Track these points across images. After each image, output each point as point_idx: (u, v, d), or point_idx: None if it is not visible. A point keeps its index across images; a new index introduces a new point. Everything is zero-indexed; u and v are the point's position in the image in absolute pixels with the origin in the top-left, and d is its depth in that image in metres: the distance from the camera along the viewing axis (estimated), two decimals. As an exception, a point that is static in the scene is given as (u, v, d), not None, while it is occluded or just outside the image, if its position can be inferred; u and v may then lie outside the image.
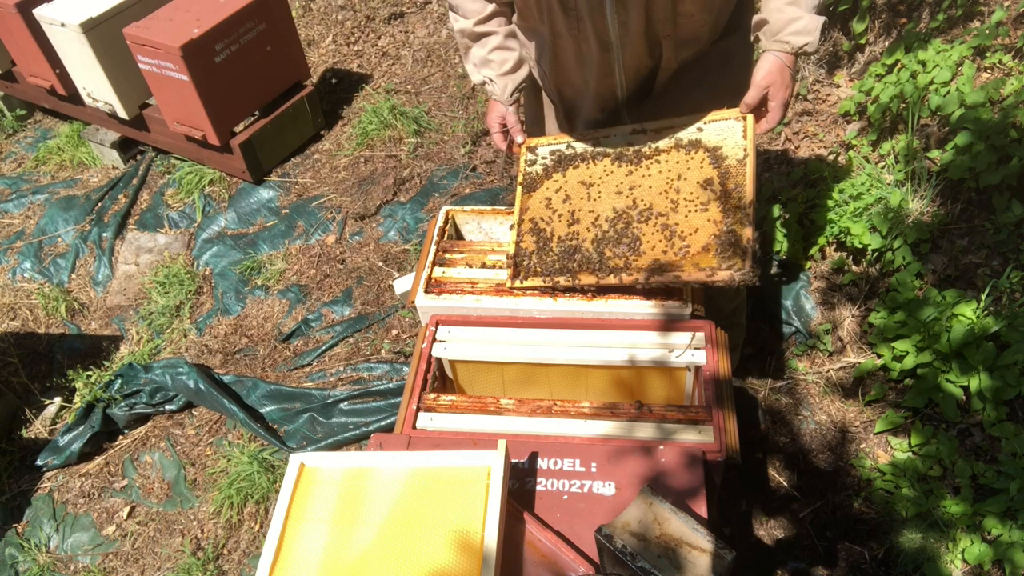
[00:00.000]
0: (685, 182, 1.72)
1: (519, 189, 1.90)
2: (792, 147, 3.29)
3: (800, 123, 3.37)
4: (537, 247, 1.80)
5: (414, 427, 1.60)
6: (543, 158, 1.91)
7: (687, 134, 1.75)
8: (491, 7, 1.80)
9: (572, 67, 1.79)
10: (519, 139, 1.93)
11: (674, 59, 1.74)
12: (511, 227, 1.86)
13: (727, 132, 1.70)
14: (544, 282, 1.75)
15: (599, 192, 1.81)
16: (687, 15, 1.63)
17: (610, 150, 1.84)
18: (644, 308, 1.71)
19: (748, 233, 1.59)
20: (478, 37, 1.85)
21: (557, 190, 1.86)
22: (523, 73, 1.89)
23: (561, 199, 1.84)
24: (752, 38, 1.72)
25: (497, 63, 1.85)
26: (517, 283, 1.77)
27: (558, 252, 1.78)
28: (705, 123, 1.74)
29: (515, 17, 1.81)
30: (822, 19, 1.58)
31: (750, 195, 1.62)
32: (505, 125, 1.93)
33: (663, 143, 1.78)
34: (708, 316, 1.73)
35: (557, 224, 1.81)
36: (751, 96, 1.63)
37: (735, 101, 1.70)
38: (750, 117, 1.67)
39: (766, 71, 1.60)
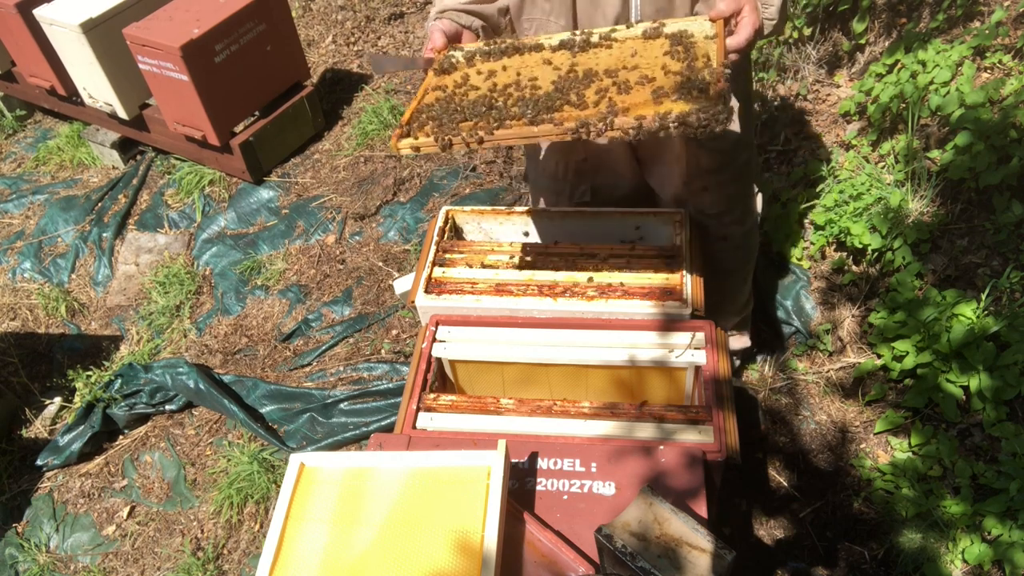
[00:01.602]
0: (641, 57, 1.51)
1: (430, 73, 1.63)
2: (792, 147, 3.29)
3: (800, 123, 3.37)
4: (442, 106, 1.50)
5: (414, 427, 1.60)
6: (468, 52, 1.66)
7: (646, 27, 1.58)
8: None
9: (585, 5, 1.75)
10: (439, 43, 1.67)
11: (691, 12, 1.70)
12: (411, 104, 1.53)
13: (693, 25, 1.56)
14: (443, 137, 1.42)
15: (533, 72, 1.55)
16: None
17: (552, 43, 1.62)
18: (644, 308, 1.71)
19: (718, 75, 1.37)
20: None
21: (479, 72, 1.59)
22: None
23: (483, 78, 1.57)
24: None
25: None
26: (404, 143, 1.45)
27: (469, 105, 1.48)
28: (667, 21, 1.58)
29: None
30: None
31: (720, 60, 1.42)
32: (445, 33, 1.71)
33: (617, 34, 1.60)
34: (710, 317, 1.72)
35: (473, 92, 1.53)
36: (726, 5, 1.50)
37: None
38: (720, 22, 1.52)
39: None
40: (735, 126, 1.92)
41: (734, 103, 1.92)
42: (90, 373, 3.21)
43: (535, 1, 1.78)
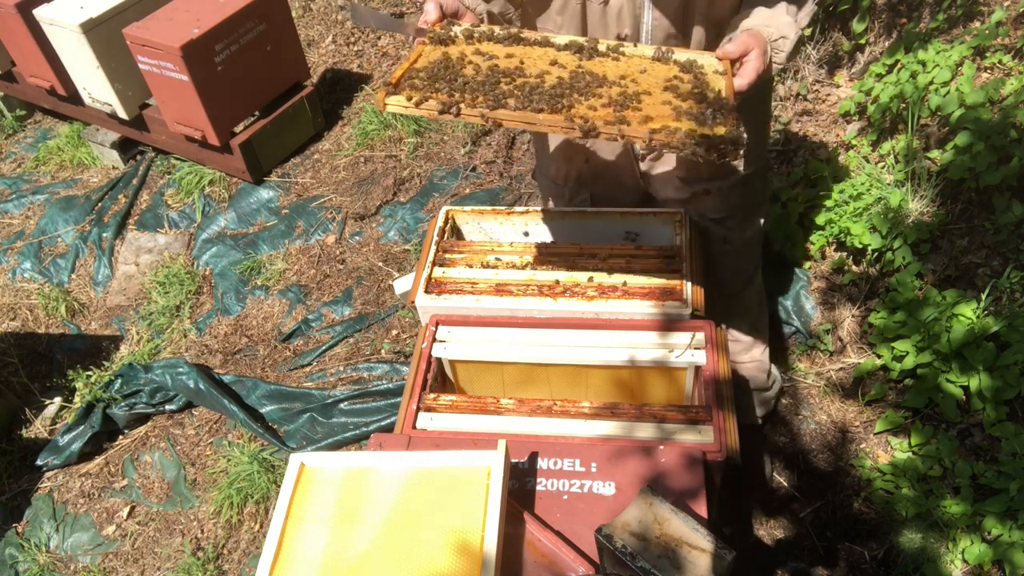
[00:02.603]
0: (650, 75, 1.47)
1: (423, 42, 1.55)
2: (792, 147, 3.29)
3: (800, 123, 3.37)
4: (438, 70, 1.44)
5: (414, 427, 1.60)
6: (467, 30, 1.59)
7: (653, 49, 1.55)
8: None
9: (596, 25, 1.74)
10: (433, 16, 1.58)
11: (704, 44, 1.70)
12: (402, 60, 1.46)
13: (701, 58, 1.54)
14: (440, 99, 1.37)
15: (537, 65, 1.49)
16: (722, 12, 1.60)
17: (557, 43, 1.57)
18: (644, 308, 1.71)
19: (731, 107, 1.35)
20: None
21: (478, 52, 1.52)
22: None
23: (483, 58, 1.50)
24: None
25: None
26: (393, 100, 1.38)
27: (471, 77, 1.42)
28: (678, 50, 1.56)
29: None
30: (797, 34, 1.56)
31: (730, 97, 1.40)
32: (443, 7, 1.63)
33: (626, 49, 1.55)
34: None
35: (472, 68, 1.47)
36: (734, 46, 1.49)
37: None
38: (727, 62, 1.51)
39: (751, 35, 1.50)
40: (739, 161, 1.92)
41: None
42: (90, 373, 3.21)
43: (548, 13, 1.76)
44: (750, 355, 2.39)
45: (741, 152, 1.30)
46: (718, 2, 1.64)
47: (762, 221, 2.17)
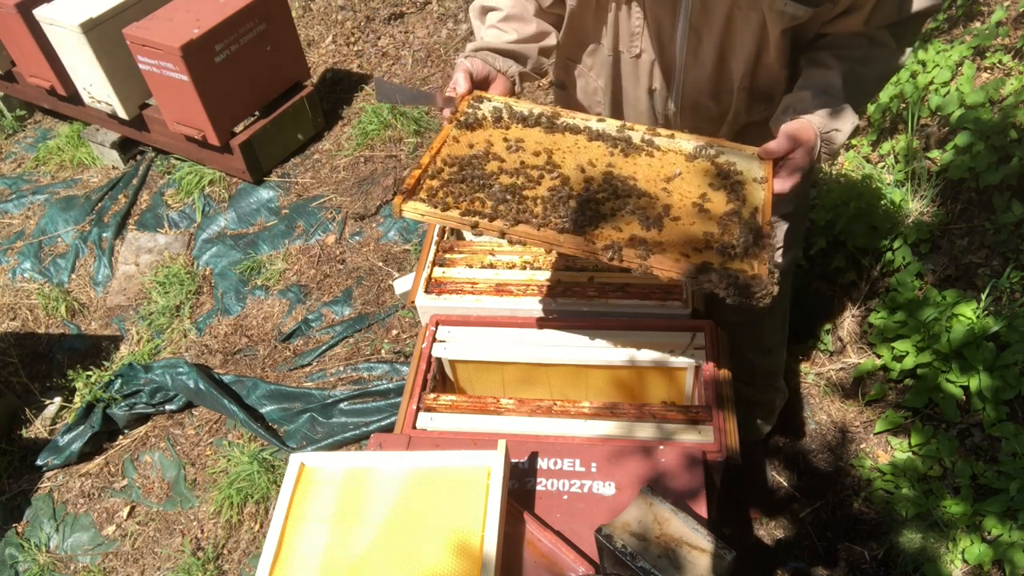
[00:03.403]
0: (682, 181, 1.40)
1: (450, 124, 1.50)
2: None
3: (800, 123, 3.37)
4: (454, 176, 1.38)
5: (414, 427, 1.60)
6: (496, 109, 1.53)
7: (692, 145, 1.47)
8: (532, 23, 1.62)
9: (631, 93, 1.70)
10: (463, 88, 1.52)
11: (744, 114, 1.62)
12: (422, 163, 1.41)
13: (741, 158, 1.44)
14: (451, 211, 1.32)
15: (563, 158, 1.43)
16: (767, 66, 1.51)
17: (590, 127, 1.50)
18: (644, 308, 1.71)
19: (767, 244, 1.26)
20: (486, 11, 1.68)
21: (505, 139, 1.47)
22: (508, 44, 1.61)
23: (508, 148, 1.44)
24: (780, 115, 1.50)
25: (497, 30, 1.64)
26: (410, 207, 1.34)
27: (484, 188, 1.36)
28: (717, 145, 1.46)
29: (560, 37, 1.68)
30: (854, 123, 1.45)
31: (767, 217, 1.31)
32: (472, 76, 1.57)
33: (661, 142, 1.49)
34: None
35: (493, 165, 1.41)
36: (779, 144, 1.38)
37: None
38: (769, 164, 1.41)
39: (800, 127, 1.38)
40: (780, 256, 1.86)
41: (778, 256, 1.83)
42: (90, 373, 3.21)
43: (582, 58, 1.72)
44: (762, 380, 2.31)
45: (768, 295, 1.22)
46: (760, 75, 1.55)
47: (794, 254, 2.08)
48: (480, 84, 1.58)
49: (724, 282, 1.20)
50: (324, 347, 3.13)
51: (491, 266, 1.88)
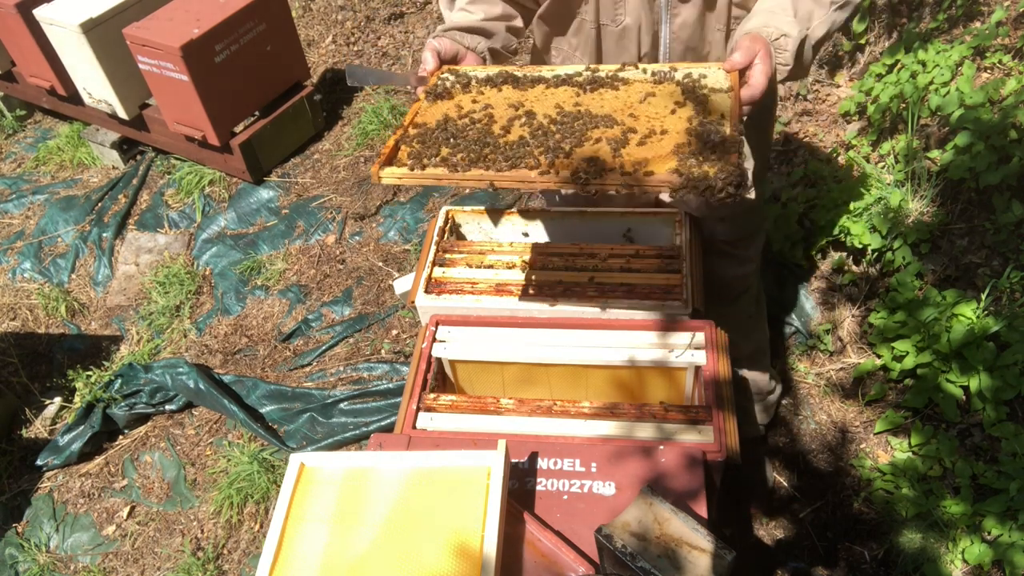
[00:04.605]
0: (649, 104, 1.44)
1: (421, 96, 1.55)
2: (792, 147, 3.29)
3: (800, 123, 3.38)
4: (427, 138, 1.43)
5: (414, 427, 1.60)
6: (463, 76, 1.58)
7: (657, 69, 1.52)
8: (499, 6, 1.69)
9: (612, 49, 1.73)
10: (431, 65, 1.58)
11: (724, 54, 1.67)
12: (395, 130, 1.46)
13: (706, 73, 1.49)
14: (427, 166, 1.35)
15: (532, 106, 1.49)
16: (743, 3, 1.58)
17: (557, 75, 1.55)
18: (644, 308, 1.71)
19: (734, 139, 1.29)
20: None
21: (474, 100, 1.52)
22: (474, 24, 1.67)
23: (479, 107, 1.50)
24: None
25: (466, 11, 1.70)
26: (387, 172, 1.36)
27: (462, 138, 1.41)
28: (682, 66, 1.52)
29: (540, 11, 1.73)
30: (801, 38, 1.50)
31: (735, 120, 1.35)
32: (440, 54, 1.62)
33: (626, 74, 1.53)
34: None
35: (466, 124, 1.45)
36: (740, 55, 1.43)
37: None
38: (735, 74, 1.46)
39: (752, 38, 1.45)
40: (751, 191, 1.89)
41: (749, 163, 1.87)
42: (90, 373, 3.21)
43: (565, 35, 1.75)
44: (751, 360, 2.38)
45: (741, 192, 1.24)
46: (737, 14, 1.60)
47: (763, 232, 2.16)
48: (450, 63, 1.63)
49: (697, 186, 1.23)
50: (324, 347, 3.13)
51: (491, 266, 1.88)
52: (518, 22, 1.73)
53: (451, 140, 1.41)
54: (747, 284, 2.23)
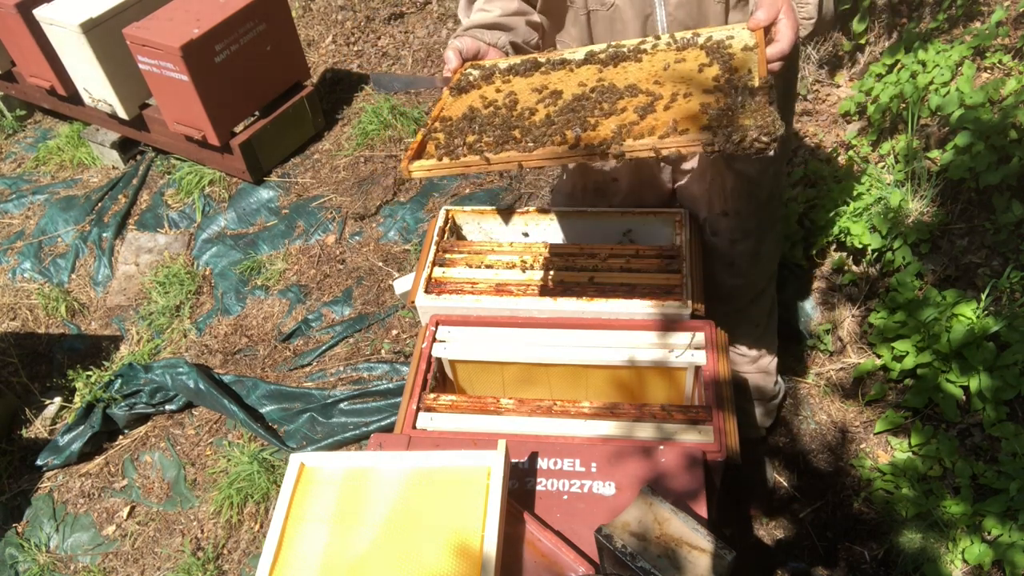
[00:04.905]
0: (674, 70, 1.42)
1: (445, 92, 1.55)
2: (792, 147, 3.29)
3: (800, 123, 3.37)
4: (456, 128, 1.42)
5: (414, 427, 1.60)
6: (486, 68, 1.58)
7: (680, 36, 1.50)
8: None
9: (602, 34, 1.72)
10: (454, 64, 1.58)
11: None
12: (423, 126, 1.45)
13: (732, 34, 1.46)
14: (459, 156, 1.34)
15: (556, 87, 1.47)
16: None
17: (577, 57, 1.54)
18: (644, 308, 1.71)
19: (765, 89, 1.26)
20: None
21: (498, 90, 1.51)
22: (492, 21, 1.66)
23: (503, 95, 1.49)
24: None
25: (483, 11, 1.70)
26: (416, 165, 1.35)
27: (487, 126, 1.40)
28: (703, 31, 1.50)
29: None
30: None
31: (763, 72, 1.31)
32: (461, 53, 1.61)
33: (647, 46, 1.51)
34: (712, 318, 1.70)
35: (492, 112, 1.45)
36: (763, 12, 1.40)
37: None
38: (759, 32, 1.42)
39: None
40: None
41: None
42: (90, 373, 3.21)
43: (565, 28, 1.74)
44: (756, 365, 2.35)
45: (775, 142, 1.19)
46: None
47: (776, 235, 2.11)
48: (470, 60, 1.62)
49: (731, 136, 1.19)
50: (324, 347, 3.13)
51: (491, 266, 1.88)
52: (536, 17, 1.73)
53: (477, 128, 1.40)
54: (758, 291, 2.19)
